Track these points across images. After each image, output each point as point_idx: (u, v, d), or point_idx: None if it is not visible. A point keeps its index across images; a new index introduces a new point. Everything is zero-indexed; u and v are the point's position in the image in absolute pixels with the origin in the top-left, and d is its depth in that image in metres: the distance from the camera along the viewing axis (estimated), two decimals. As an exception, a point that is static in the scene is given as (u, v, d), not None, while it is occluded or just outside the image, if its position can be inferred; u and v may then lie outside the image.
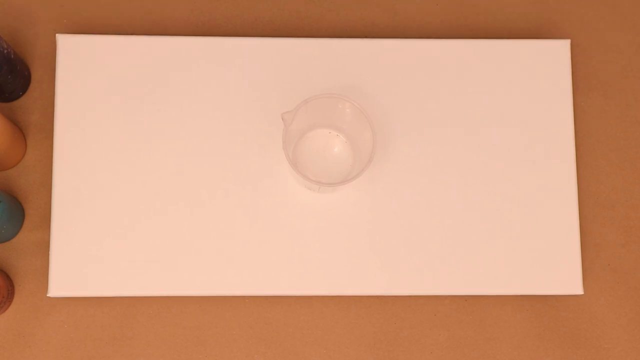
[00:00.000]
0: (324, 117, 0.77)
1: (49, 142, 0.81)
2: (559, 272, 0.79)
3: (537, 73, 0.81)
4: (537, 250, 0.79)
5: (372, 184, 0.79)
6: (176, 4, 0.85)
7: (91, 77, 0.79)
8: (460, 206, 0.79)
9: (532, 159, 0.80)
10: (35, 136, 0.82)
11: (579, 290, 0.79)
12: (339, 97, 0.73)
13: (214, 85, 0.80)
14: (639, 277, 0.82)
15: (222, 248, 0.78)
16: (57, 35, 0.80)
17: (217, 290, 0.78)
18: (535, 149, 0.80)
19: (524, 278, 0.79)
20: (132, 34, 0.84)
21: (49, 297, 0.79)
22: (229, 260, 0.78)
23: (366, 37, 0.85)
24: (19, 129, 0.81)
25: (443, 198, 0.79)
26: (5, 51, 0.76)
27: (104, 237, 0.77)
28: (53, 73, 0.82)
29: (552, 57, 0.82)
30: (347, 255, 0.78)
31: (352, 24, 0.85)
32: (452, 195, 0.79)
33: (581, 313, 0.82)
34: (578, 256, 0.79)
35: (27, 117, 0.82)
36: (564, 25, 0.86)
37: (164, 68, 0.80)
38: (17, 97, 0.82)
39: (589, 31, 0.86)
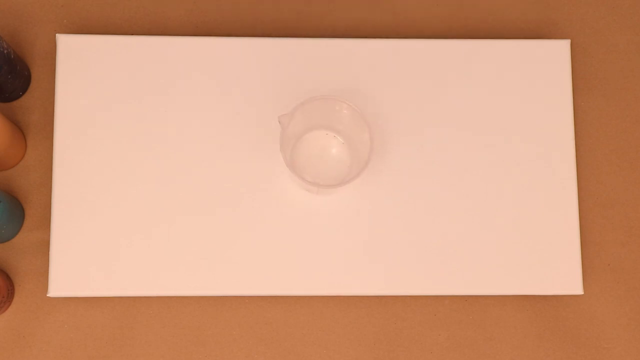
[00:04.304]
0: (321, 118, 0.77)
1: (49, 142, 0.81)
2: (559, 272, 0.79)
3: (537, 73, 0.81)
4: (537, 250, 0.79)
5: (371, 185, 0.79)
6: (176, 4, 0.85)
7: (91, 77, 0.79)
8: (459, 206, 0.79)
9: (532, 159, 0.80)
10: (35, 136, 0.82)
11: (579, 290, 0.79)
12: (336, 99, 0.73)
13: (213, 86, 0.80)
14: (639, 277, 0.82)
15: (222, 248, 0.78)
16: (57, 35, 0.80)
17: (217, 290, 0.78)
18: (535, 149, 0.80)
19: (524, 278, 0.79)
20: (132, 34, 0.84)
21: (49, 297, 0.79)
22: (229, 260, 0.78)
23: (366, 37, 0.84)
24: (19, 129, 0.81)
25: (442, 198, 0.79)
26: (5, 51, 0.76)
27: (104, 237, 0.77)
28: (53, 73, 0.82)
29: (552, 57, 0.82)
30: (347, 256, 0.78)
31: (352, 24, 0.85)
32: (451, 195, 0.79)
33: (581, 313, 0.82)
34: (578, 256, 0.79)
35: (27, 117, 0.82)
36: (564, 25, 0.86)
37: (164, 68, 0.80)
38: (17, 97, 0.82)
39: (589, 31, 0.86)
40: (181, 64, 0.80)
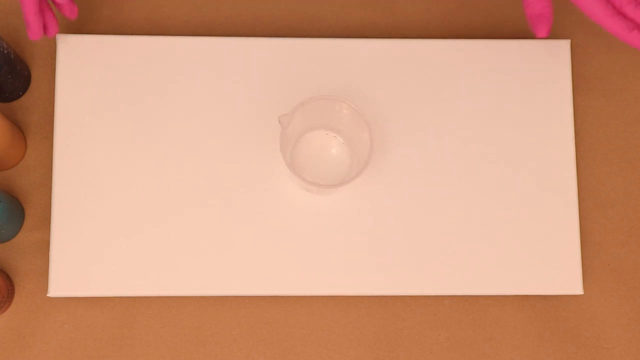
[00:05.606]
0: (321, 118, 0.77)
1: (49, 142, 0.81)
2: (559, 272, 0.79)
3: (537, 73, 0.81)
4: (537, 250, 0.79)
5: (371, 185, 0.79)
6: (176, 4, 0.85)
7: (91, 77, 0.79)
8: (460, 206, 0.79)
9: (532, 159, 0.80)
10: (35, 136, 0.82)
11: (579, 290, 0.79)
12: (336, 99, 0.73)
13: (213, 86, 0.80)
14: (639, 277, 0.82)
15: (222, 248, 0.78)
16: (57, 35, 0.80)
17: (217, 290, 0.78)
18: (535, 149, 0.80)
19: (524, 278, 0.79)
20: (132, 34, 0.84)
21: (49, 297, 0.79)
22: (229, 260, 0.78)
23: (366, 37, 0.85)
24: (19, 129, 0.81)
25: (442, 198, 0.79)
26: (5, 51, 0.76)
27: (104, 237, 0.77)
28: (53, 73, 0.82)
29: (552, 57, 0.82)
30: (347, 256, 0.78)
31: (352, 24, 0.85)
32: (451, 195, 0.79)
33: (581, 313, 0.82)
34: (578, 256, 0.79)
35: (27, 117, 0.82)
36: (564, 25, 0.86)
37: (164, 68, 0.80)
38: (17, 97, 0.82)
39: (589, 31, 0.86)
40: (181, 64, 0.80)
